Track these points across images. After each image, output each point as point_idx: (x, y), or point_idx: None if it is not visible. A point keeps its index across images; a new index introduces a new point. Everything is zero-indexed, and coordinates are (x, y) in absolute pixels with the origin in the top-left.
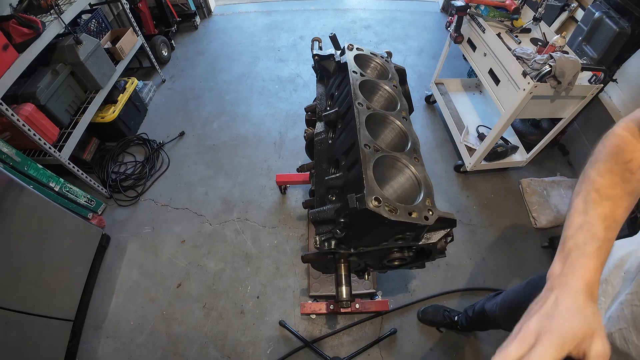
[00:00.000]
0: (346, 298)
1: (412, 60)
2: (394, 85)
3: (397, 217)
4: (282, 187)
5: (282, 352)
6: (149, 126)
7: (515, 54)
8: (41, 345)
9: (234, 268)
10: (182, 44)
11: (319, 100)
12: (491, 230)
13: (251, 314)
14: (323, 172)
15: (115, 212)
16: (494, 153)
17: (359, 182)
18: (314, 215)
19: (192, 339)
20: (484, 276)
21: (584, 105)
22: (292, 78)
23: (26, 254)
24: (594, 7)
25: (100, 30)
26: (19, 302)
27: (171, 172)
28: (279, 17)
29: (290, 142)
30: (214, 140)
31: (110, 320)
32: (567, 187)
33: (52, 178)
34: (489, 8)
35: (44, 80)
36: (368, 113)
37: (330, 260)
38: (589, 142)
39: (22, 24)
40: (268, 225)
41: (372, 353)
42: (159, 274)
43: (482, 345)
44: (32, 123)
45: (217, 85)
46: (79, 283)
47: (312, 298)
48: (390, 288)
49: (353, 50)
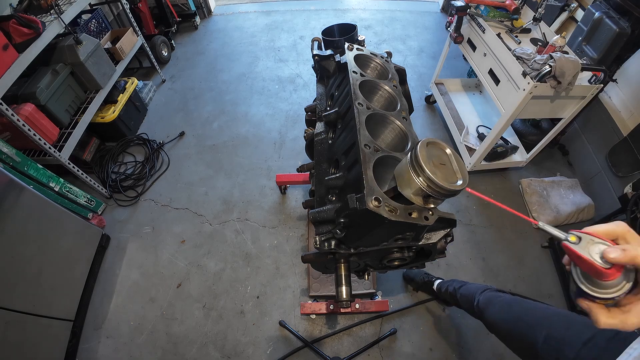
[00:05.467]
0: (346, 298)
1: (412, 60)
2: (394, 85)
3: (397, 217)
4: (282, 187)
5: (282, 352)
6: (149, 126)
7: (515, 54)
8: (41, 345)
9: (234, 268)
10: (182, 44)
11: (319, 101)
12: (491, 230)
13: (251, 314)
14: (323, 172)
15: (115, 212)
16: (494, 153)
17: (359, 182)
18: (314, 215)
19: (192, 339)
20: (484, 276)
21: (584, 106)
22: (292, 78)
23: (26, 254)
24: (594, 7)
25: (100, 30)
26: (19, 302)
27: (171, 172)
28: (279, 17)
29: (290, 142)
30: (214, 140)
31: (110, 320)
32: (567, 187)
33: (52, 178)
34: (489, 8)
35: (44, 80)
36: (368, 113)
37: (330, 260)
38: (589, 142)
39: (22, 24)
40: (268, 225)
41: (372, 353)
42: (159, 274)
43: (483, 345)
44: (32, 123)
45: (217, 85)
46: (79, 283)
47: (312, 298)
48: (390, 288)
49: (353, 50)
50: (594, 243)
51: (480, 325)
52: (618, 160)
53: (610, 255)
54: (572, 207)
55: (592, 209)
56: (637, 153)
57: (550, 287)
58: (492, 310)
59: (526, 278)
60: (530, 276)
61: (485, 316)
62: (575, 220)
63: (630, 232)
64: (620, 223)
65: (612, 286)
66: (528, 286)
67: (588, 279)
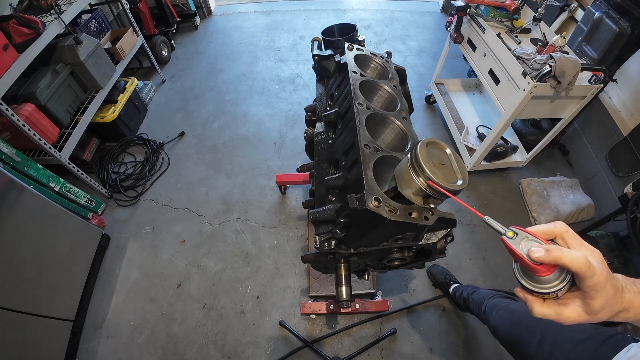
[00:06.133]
0: (346, 298)
1: (412, 60)
2: (394, 85)
3: (397, 217)
4: (282, 187)
5: (282, 352)
6: (149, 126)
7: (515, 54)
8: (41, 345)
9: (234, 268)
10: (182, 44)
11: (319, 101)
12: (491, 230)
13: (251, 314)
14: (323, 172)
15: (115, 212)
16: (494, 153)
17: (359, 182)
18: (314, 215)
19: (192, 339)
20: (484, 276)
21: (584, 106)
22: (292, 78)
23: (26, 254)
24: (594, 7)
25: (100, 30)
26: (19, 302)
27: (171, 172)
28: (279, 17)
29: (290, 142)
30: (214, 140)
31: (110, 320)
32: (567, 187)
33: (52, 178)
34: (489, 8)
35: (44, 80)
36: (368, 113)
37: (330, 260)
38: (589, 142)
39: (22, 24)
40: (268, 225)
41: (372, 353)
42: (159, 274)
43: (483, 345)
44: (32, 123)
45: (217, 85)
46: (79, 283)
47: (312, 298)
48: (390, 288)
49: (353, 50)
50: (528, 240)
51: (480, 325)
52: (618, 160)
53: (533, 255)
54: (572, 207)
55: (592, 209)
56: (637, 153)
57: None
58: (496, 315)
59: None
60: None
61: (490, 321)
62: (575, 220)
63: (568, 232)
64: (559, 223)
65: (547, 282)
66: None
67: (526, 273)
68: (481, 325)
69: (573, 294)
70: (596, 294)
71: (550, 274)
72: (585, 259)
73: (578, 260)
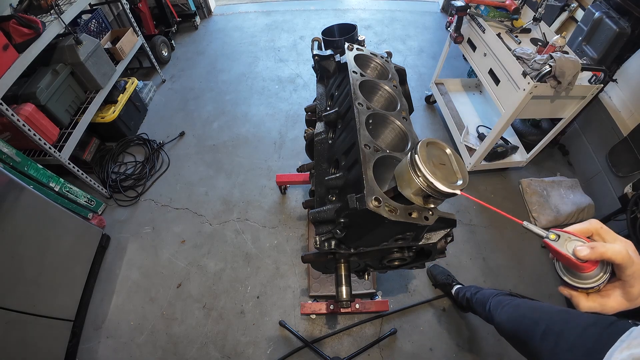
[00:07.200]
0: (346, 298)
1: (412, 60)
2: (394, 85)
3: (397, 217)
4: (282, 187)
5: (282, 352)
6: (149, 126)
7: (515, 54)
8: (41, 345)
9: (234, 268)
10: (182, 44)
11: (319, 101)
12: (491, 230)
13: (251, 314)
14: (323, 172)
15: (115, 212)
16: (494, 153)
17: (359, 182)
18: (314, 216)
19: (192, 339)
20: (484, 276)
21: (584, 106)
22: (292, 78)
23: (26, 254)
24: (594, 7)
25: (100, 31)
26: (19, 302)
27: (171, 172)
28: (279, 17)
29: (290, 142)
30: (214, 141)
31: (110, 320)
32: (567, 187)
33: (52, 178)
34: (489, 8)
35: (44, 81)
36: (368, 113)
37: (330, 260)
38: (589, 142)
39: (22, 24)
40: (268, 226)
41: (372, 353)
42: (159, 274)
43: (483, 345)
44: (32, 123)
45: (217, 86)
46: (79, 283)
47: (312, 298)
48: (390, 288)
49: (353, 50)
50: (570, 240)
51: (480, 325)
52: (618, 160)
53: (580, 254)
54: (572, 207)
55: (592, 209)
56: (637, 153)
57: (550, 287)
58: (501, 312)
59: (526, 278)
60: (530, 276)
61: (495, 318)
62: (575, 220)
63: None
64: (594, 221)
65: (591, 277)
66: (528, 286)
67: (569, 271)
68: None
69: (612, 284)
70: (635, 281)
71: (595, 269)
72: (625, 250)
73: (620, 253)
